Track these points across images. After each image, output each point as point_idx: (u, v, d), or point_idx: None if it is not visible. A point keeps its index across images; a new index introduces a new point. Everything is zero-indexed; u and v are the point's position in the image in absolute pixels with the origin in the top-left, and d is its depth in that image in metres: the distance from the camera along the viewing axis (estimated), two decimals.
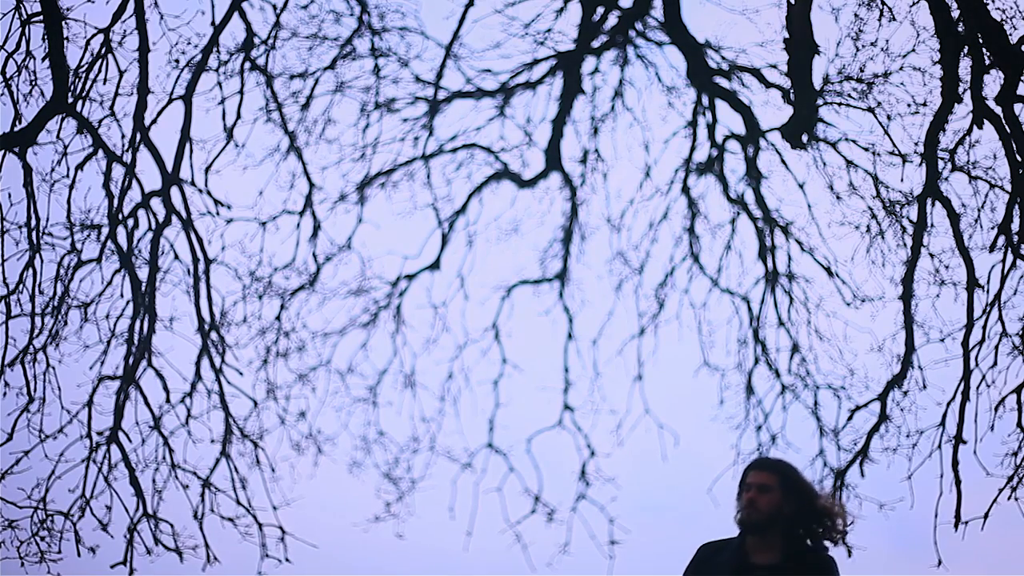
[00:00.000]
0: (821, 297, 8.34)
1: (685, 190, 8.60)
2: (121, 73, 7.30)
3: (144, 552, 7.39)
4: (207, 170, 7.84)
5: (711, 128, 8.47)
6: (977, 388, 7.22)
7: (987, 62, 6.76)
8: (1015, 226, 7.06)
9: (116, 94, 7.36)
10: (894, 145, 7.71)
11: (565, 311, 8.72)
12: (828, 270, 8.30)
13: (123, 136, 7.47)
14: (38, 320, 7.33)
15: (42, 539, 7.18)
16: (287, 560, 7.54)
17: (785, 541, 4.01)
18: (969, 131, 7.17)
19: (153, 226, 7.67)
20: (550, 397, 8.51)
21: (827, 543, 4.09)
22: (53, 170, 7.27)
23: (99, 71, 7.24)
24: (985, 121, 6.91)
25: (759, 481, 4.07)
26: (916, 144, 7.52)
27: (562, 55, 8.35)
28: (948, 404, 7.33)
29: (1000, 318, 7.21)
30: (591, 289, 8.73)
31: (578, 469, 8.35)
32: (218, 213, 7.88)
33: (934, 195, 7.43)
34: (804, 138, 7.75)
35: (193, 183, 7.75)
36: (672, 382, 8.72)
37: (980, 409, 7.19)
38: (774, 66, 8.02)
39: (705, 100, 8.42)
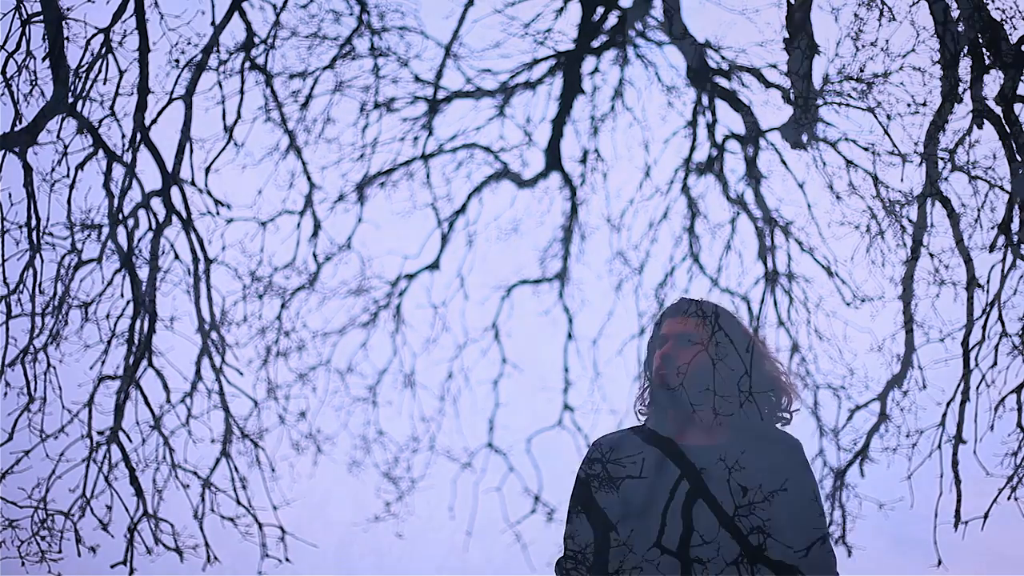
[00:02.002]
0: (821, 297, 8.34)
1: (685, 190, 8.60)
2: (121, 73, 7.27)
3: (144, 552, 7.37)
4: (207, 170, 7.83)
5: (711, 128, 8.47)
6: (977, 388, 7.20)
7: (987, 62, 6.74)
8: (1015, 226, 7.04)
9: (116, 94, 7.33)
10: (894, 145, 7.69)
11: (565, 311, 8.73)
12: (828, 270, 8.30)
13: (123, 136, 7.44)
14: (38, 320, 7.30)
15: (42, 539, 7.16)
16: (287, 560, 7.54)
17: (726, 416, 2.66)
18: (969, 131, 7.15)
19: (153, 226, 7.65)
20: (550, 397, 8.53)
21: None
22: (53, 170, 7.24)
23: (99, 71, 7.22)
24: (985, 121, 6.90)
25: (678, 330, 2.81)
26: (916, 144, 7.51)
27: (562, 55, 8.35)
28: (948, 404, 7.30)
29: (1000, 318, 7.18)
30: (591, 289, 8.74)
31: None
32: (218, 213, 7.88)
33: (934, 195, 7.42)
34: (804, 138, 7.74)
35: (193, 183, 7.75)
36: None
37: (980, 409, 7.16)
38: (774, 66, 8.02)
39: (705, 100, 8.42)
